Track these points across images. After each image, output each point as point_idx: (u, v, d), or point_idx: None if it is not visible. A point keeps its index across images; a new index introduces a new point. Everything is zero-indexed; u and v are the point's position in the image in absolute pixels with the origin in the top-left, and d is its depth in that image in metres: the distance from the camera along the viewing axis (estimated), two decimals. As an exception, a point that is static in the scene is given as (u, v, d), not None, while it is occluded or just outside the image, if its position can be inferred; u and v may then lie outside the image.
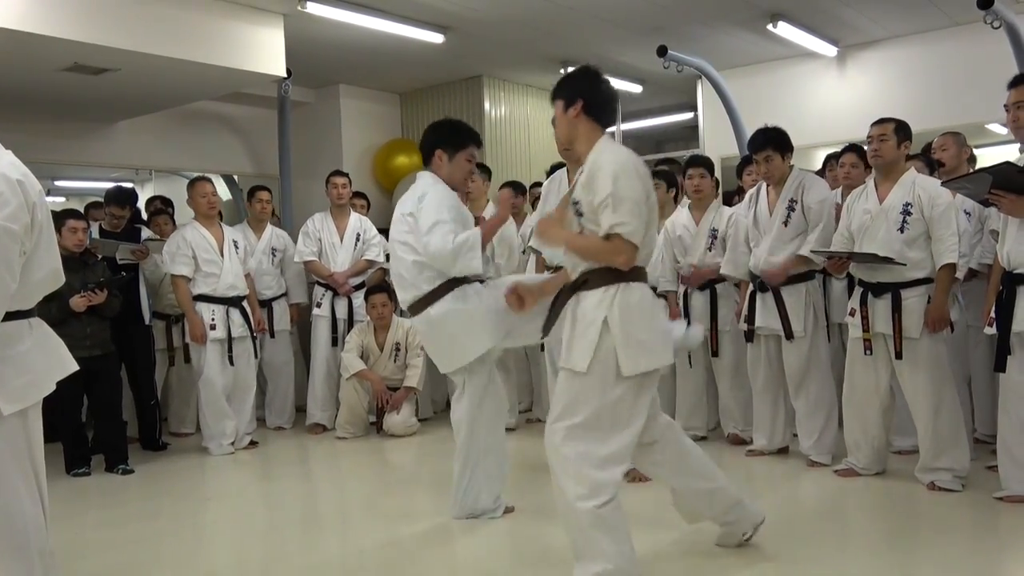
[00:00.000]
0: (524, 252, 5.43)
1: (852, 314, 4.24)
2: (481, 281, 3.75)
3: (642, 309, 2.90)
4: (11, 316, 2.51)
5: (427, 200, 3.69)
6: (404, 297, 3.81)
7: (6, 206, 2.41)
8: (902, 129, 4.16)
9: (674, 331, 3.41)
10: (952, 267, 4.01)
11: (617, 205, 2.83)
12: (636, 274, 2.93)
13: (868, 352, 4.17)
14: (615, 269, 2.89)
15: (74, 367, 2.74)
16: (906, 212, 4.06)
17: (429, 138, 3.80)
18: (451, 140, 3.73)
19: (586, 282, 2.94)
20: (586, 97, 3.01)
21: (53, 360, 2.67)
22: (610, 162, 2.90)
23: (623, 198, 2.83)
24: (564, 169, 4.61)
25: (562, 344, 3.01)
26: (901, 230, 4.06)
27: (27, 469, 2.56)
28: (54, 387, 2.64)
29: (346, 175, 6.48)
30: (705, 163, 5.22)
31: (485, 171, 5.84)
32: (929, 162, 4.75)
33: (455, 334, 3.72)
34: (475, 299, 3.69)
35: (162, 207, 6.61)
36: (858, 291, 4.24)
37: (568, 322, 2.98)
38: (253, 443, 5.75)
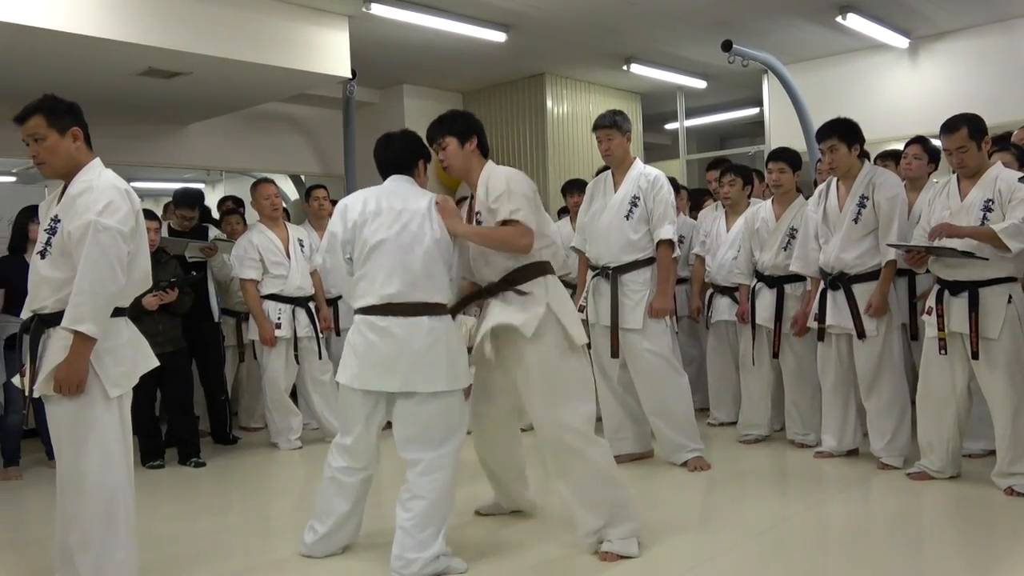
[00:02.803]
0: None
1: (928, 312, 4.11)
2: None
3: (567, 298, 3.42)
4: (113, 312, 2.89)
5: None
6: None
7: (118, 211, 2.86)
8: (976, 131, 3.94)
9: None
10: None
11: (511, 197, 3.28)
12: (549, 267, 3.40)
13: (943, 352, 4.04)
14: (536, 264, 3.33)
15: (155, 363, 3.13)
16: (987, 209, 3.89)
17: (413, 148, 3.52)
18: (428, 155, 3.59)
19: (513, 280, 3.33)
20: (477, 134, 3.50)
21: (141, 354, 3.06)
22: (502, 171, 3.42)
23: (516, 192, 3.30)
24: (608, 172, 4.73)
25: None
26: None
27: (123, 451, 2.93)
28: (138, 379, 3.01)
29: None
30: (787, 157, 5.11)
31: None
32: (1020, 154, 4.52)
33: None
34: None
35: (234, 207, 6.74)
36: (935, 289, 4.11)
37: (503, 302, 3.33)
38: None
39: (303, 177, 9.11)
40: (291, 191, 9.30)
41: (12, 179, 7.61)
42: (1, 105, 6.38)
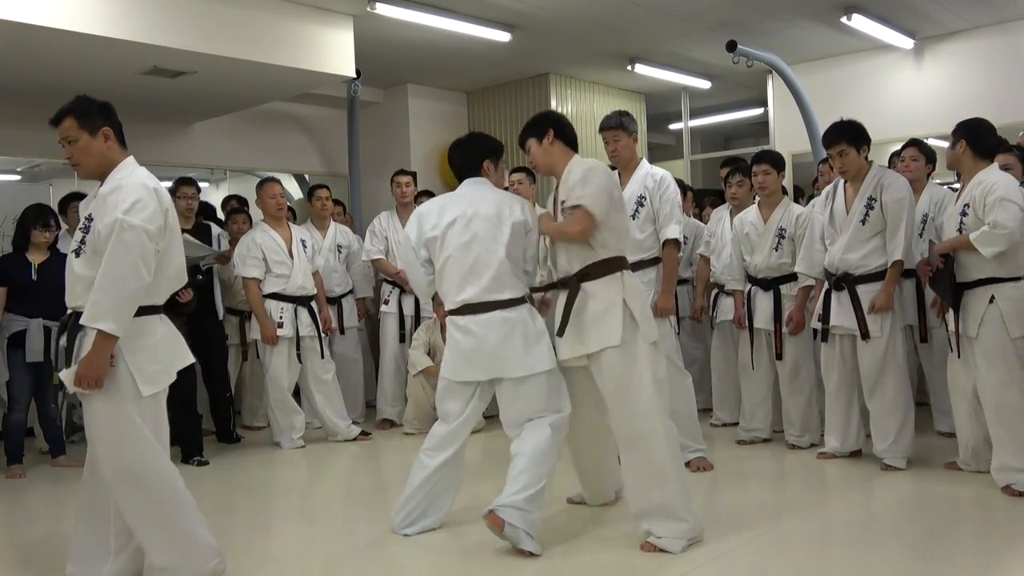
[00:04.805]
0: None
1: (946, 310, 4.23)
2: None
3: (641, 292, 3.54)
4: (147, 311, 2.93)
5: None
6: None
7: (145, 210, 2.87)
8: (959, 129, 4.13)
9: None
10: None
11: (585, 184, 3.41)
12: (624, 263, 3.49)
13: (951, 349, 4.15)
14: (612, 259, 3.42)
15: (191, 359, 3.17)
16: (963, 213, 4.04)
17: (476, 150, 3.78)
18: (496, 150, 3.81)
19: (588, 275, 3.43)
20: (554, 127, 3.61)
21: (176, 352, 3.09)
22: (584, 161, 3.54)
23: (591, 181, 3.42)
24: (615, 172, 4.67)
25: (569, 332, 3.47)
26: (960, 231, 4.04)
27: (161, 443, 3.00)
28: (175, 376, 3.04)
29: (410, 174, 6.54)
30: (771, 159, 5.12)
31: (530, 175, 5.83)
32: (1023, 155, 4.55)
33: None
34: None
35: (239, 206, 6.75)
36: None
37: (578, 309, 3.45)
38: (365, 433, 5.90)
39: (307, 176, 9.11)
40: (295, 190, 9.31)
41: (17, 177, 7.62)
42: (6, 104, 6.39)
